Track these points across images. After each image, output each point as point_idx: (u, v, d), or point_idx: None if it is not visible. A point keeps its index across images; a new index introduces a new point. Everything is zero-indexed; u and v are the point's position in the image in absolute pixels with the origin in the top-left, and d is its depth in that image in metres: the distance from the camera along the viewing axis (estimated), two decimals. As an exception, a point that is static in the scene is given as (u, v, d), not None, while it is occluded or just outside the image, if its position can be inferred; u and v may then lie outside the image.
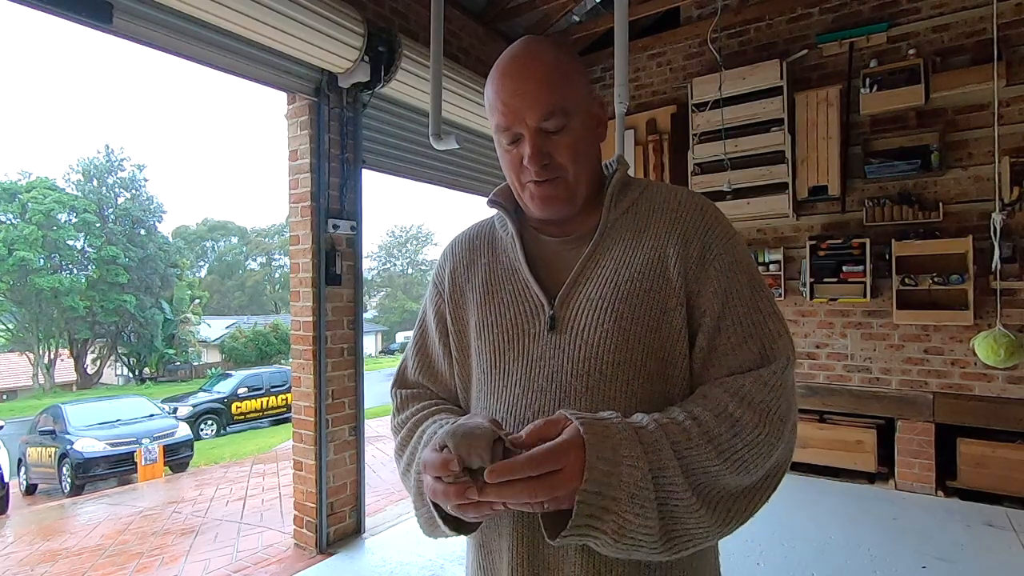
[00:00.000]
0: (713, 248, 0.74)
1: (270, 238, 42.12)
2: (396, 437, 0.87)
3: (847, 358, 3.86)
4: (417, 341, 0.93)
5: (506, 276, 0.82)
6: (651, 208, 0.79)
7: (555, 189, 0.75)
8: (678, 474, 0.62)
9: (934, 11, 3.55)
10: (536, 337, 0.76)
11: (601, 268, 0.76)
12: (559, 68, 0.73)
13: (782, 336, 0.72)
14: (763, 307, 0.73)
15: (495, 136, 0.78)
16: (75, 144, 71.75)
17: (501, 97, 0.73)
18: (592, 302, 0.74)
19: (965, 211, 3.47)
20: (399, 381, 0.93)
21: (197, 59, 2.55)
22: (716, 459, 0.63)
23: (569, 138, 0.74)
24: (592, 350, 0.72)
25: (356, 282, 3.16)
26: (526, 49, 0.74)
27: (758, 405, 0.66)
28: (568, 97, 0.73)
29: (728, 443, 0.64)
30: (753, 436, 0.65)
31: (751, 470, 0.65)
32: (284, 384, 12.54)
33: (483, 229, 0.90)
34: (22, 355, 24.45)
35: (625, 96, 2.73)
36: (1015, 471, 3.23)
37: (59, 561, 3.62)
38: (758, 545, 2.88)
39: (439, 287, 0.90)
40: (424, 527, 0.78)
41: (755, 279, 0.75)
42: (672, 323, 0.72)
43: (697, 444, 0.63)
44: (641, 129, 4.32)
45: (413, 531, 3.23)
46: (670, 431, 0.64)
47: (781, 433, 0.67)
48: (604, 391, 0.71)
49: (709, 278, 0.72)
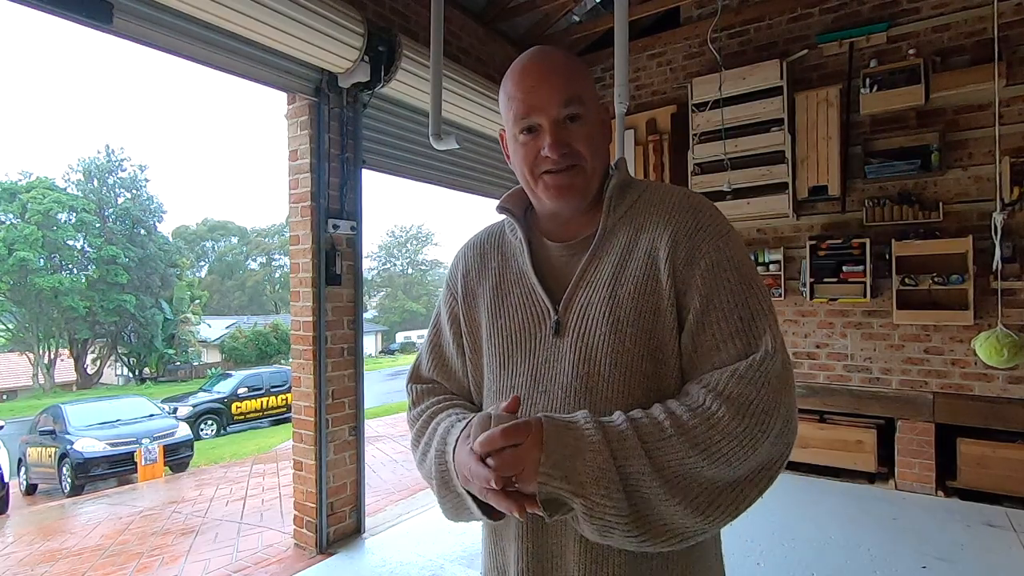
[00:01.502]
0: (702, 248, 0.75)
1: (270, 238, 42.12)
2: (412, 429, 0.92)
3: (847, 358, 3.86)
4: (432, 340, 0.97)
5: (515, 281, 0.86)
6: (648, 211, 0.81)
7: (572, 178, 0.78)
8: (644, 463, 0.66)
9: (934, 11, 3.54)
10: (542, 341, 0.80)
11: (600, 273, 0.79)
12: (574, 65, 0.80)
13: (766, 332, 0.72)
14: (752, 304, 0.73)
15: (510, 130, 0.81)
16: (75, 144, 71.85)
17: (521, 88, 0.78)
18: (591, 307, 0.77)
19: (965, 211, 3.47)
20: (414, 377, 0.98)
21: (197, 59, 2.55)
22: (691, 451, 0.66)
23: (586, 128, 0.78)
24: (590, 353, 0.76)
25: (356, 282, 3.16)
26: (541, 51, 0.80)
27: (735, 399, 0.67)
28: (584, 89, 0.79)
29: (704, 435, 0.66)
30: (731, 428, 0.66)
31: (734, 463, 0.67)
32: (284, 384, 12.54)
33: (493, 234, 0.95)
34: (22, 355, 24.45)
35: (625, 96, 2.73)
36: (1015, 471, 3.23)
37: (59, 561, 3.62)
38: (758, 545, 2.88)
39: (452, 290, 0.94)
40: (448, 512, 0.84)
41: (746, 277, 0.75)
42: (664, 324, 0.75)
43: (669, 437, 0.67)
44: (641, 129, 4.32)
45: (413, 531, 3.23)
46: (640, 425, 0.68)
47: (766, 425, 0.67)
48: (602, 391, 0.75)
49: (695, 278, 0.74)
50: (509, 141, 0.84)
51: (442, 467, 0.80)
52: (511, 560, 0.80)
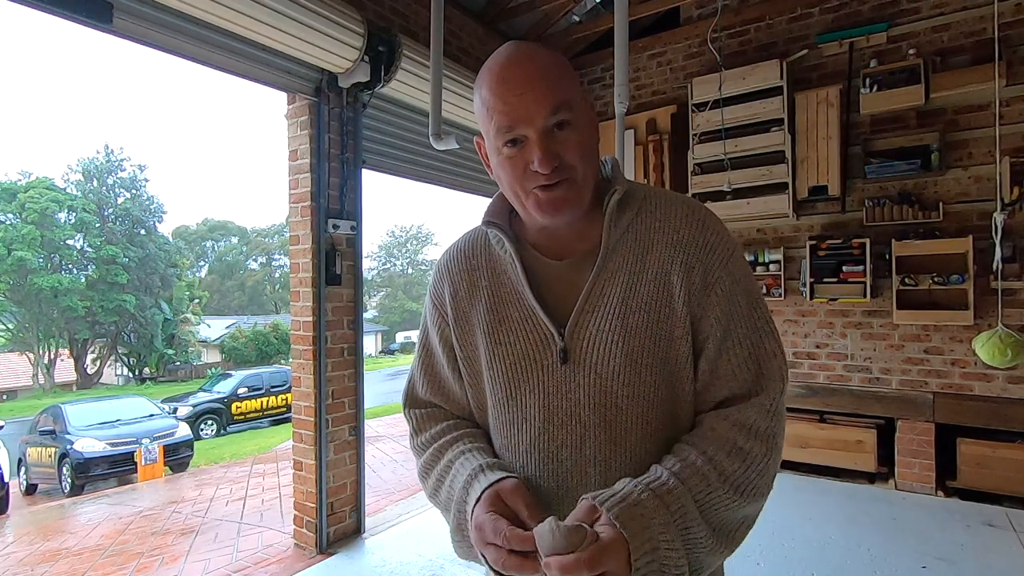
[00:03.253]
0: (714, 271, 0.75)
1: (270, 238, 42.11)
2: (419, 459, 0.87)
3: (847, 358, 3.86)
4: (423, 361, 0.91)
5: (511, 302, 0.80)
6: (652, 226, 0.77)
7: (565, 191, 0.72)
8: (702, 526, 0.66)
9: (934, 11, 3.54)
10: (549, 369, 0.76)
11: (607, 297, 0.75)
12: (557, 64, 0.71)
13: (777, 356, 0.75)
14: (760, 326, 0.76)
15: (491, 142, 0.73)
16: (75, 144, 71.78)
17: (501, 97, 0.69)
18: (602, 334, 0.74)
19: (965, 211, 3.47)
20: (411, 401, 0.93)
21: (197, 59, 2.55)
22: (734, 495, 0.68)
23: (576, 135, 0.71)
24: (606, 383, 0.73)
25: (356, 282, 3.16)
26: (518, 50, 0.72)
27: (764, 434, 0.71)
28: (572, 90, 0.71)
29: (742, 477, 0.69)
30: (763, 465, 0.70)
31: (764, 494, 0.71)
32: (284, 384, 12.54)
33: (477, 244, 0.87)
34: (22, 355, 24.43)
35: (625, 96, 2.73)
36: (1015, 471, 3.23)
37: (59, 561, 3.62)
38: (758, 545, 2.88)
39: (441, 310, 0.87)
40: (460, 552, 0.80)
41: (752, 297, 0.77)
42: (679, 351, 0.74)
43: (716, 487, 0.68)
44: (641, 129, 4.32)
45: (413, 531, 3.23)
46: (691, 483, 0.67)
47: (780, 451, 0.73)
48: (620, 423, 0.74)
49: (711, 304, 0.74)
50: (490, 153, 0.75)
51: (460, 517, 0.76)
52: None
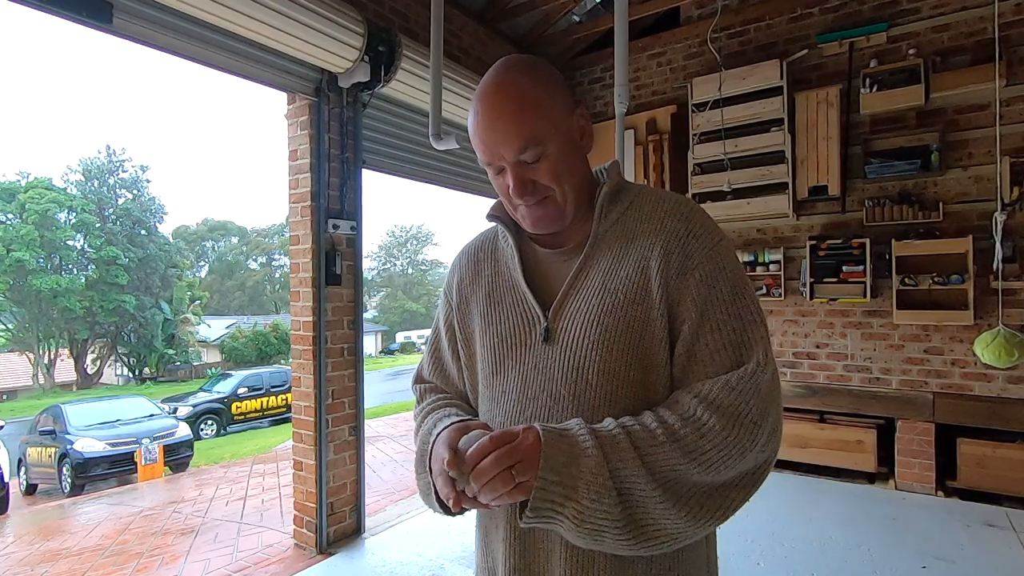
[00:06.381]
0: (694, 257, 0.76)
1: (270, 238, 42.13)
2: (415, 423, 0.96)
3: (847, 358, 3.86)
4: (432, 345, 1.01)
5: (506, 288, 0.87)
6: (639, 217, 0.81)
7: (545, 209, 0.80)
8: (639, 466, 0.67)
9: (934, 11, 3.54)
10: (532, 347, 0.81)
11: (590, 280, 0.80)
12: (530, 97, 0.74)
13: (758, 343, 0.74)
14: (744, 315, 0.75)
15: (481, 161, 0.81)
16: (75, 144, 71.84)
17: (478, 133, 0.77)
18: (580, 314, 0.78)
19: (965, 211, 3.47)
20: (418, 378, 1.04)
21: (197, 59, 2.55)
22: (682, 458, 0.68)
23: (548, 163, 0.77)
24: (579, 360, 0.76)
25: (356, 282, 3.16)
26: (498, 81, 0.76)
27: (726, 409, 0.69)
28: (541, 126, 0.74)
29: (695, 444, 0.68)
30: (721, 438, 0.68)
31: (722, 470, 0.69)
32: (284, 384, 12.55)
33: (487, 241, 0.96)
34: (22, 355, 24.45)
35: (625, 96, 2.73)
36: (1015, 471, 3.23)
37: (59, 561, 3.62)
38: (758, 545, 2.88)
39: (448, 297, 0.97)
40: (421, 492, 0.86)
41: (738, 286, 0.76)
42: (654, 333, 0.75)
43: (661, 443, 0.68)
44: (641, 129, 4.32)
45: (413, 531, 3.23)
46: (633, 431, 0.70)
47: (754, 435, 0.69)
48: (590, 399, 0.76)
49: (688, 288, 0.75)
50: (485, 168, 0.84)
51: (422, 447, 0.83)
52: (499, 561, 0.82)
